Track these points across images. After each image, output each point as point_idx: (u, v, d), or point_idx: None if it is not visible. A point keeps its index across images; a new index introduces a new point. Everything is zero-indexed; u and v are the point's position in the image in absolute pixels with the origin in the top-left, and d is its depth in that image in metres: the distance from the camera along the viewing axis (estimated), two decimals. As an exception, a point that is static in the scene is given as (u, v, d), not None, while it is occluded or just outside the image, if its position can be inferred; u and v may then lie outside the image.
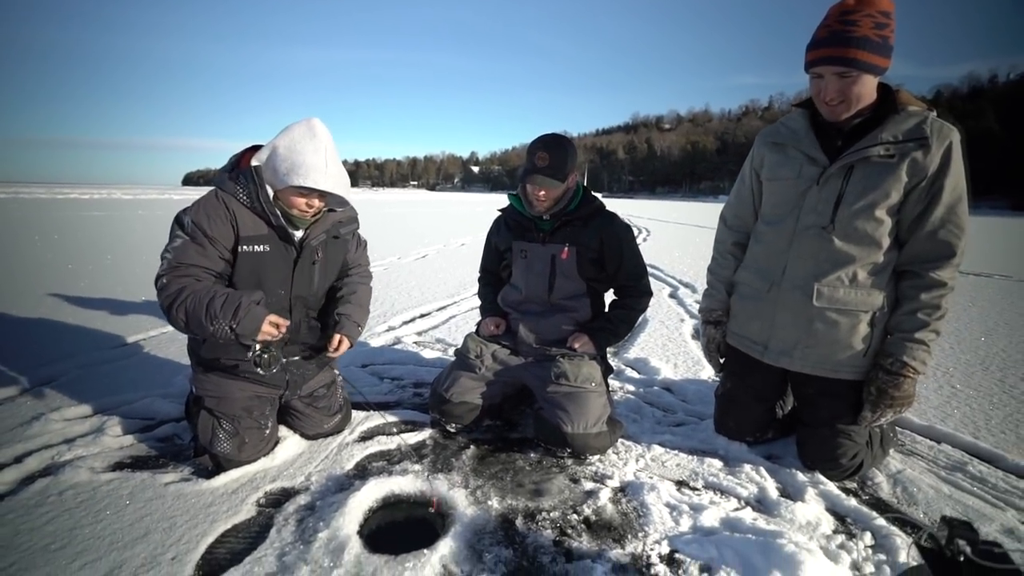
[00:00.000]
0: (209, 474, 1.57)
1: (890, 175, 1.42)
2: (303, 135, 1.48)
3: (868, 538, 1.33)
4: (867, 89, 1.41)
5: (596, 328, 1.91)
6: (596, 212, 1.89)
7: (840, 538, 1.32)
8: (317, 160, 1.46)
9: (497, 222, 2.07)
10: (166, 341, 2.87)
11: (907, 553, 1.24)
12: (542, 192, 1.77)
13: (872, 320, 1.52)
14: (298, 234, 1.61)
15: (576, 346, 1.85)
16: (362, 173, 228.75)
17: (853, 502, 1.49)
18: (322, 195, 1.54)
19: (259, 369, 1.50)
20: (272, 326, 1.46)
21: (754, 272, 1.73)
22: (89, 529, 1.32)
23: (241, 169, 1.53)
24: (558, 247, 1.86)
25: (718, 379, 2.06)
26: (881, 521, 1.38)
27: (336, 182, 1.51)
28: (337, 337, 1.70)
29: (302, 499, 1.47)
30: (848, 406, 1.58)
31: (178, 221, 1.48)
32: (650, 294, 1.97)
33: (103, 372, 2.39)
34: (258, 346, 1.48)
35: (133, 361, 2.57)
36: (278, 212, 1.53)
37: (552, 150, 1.74)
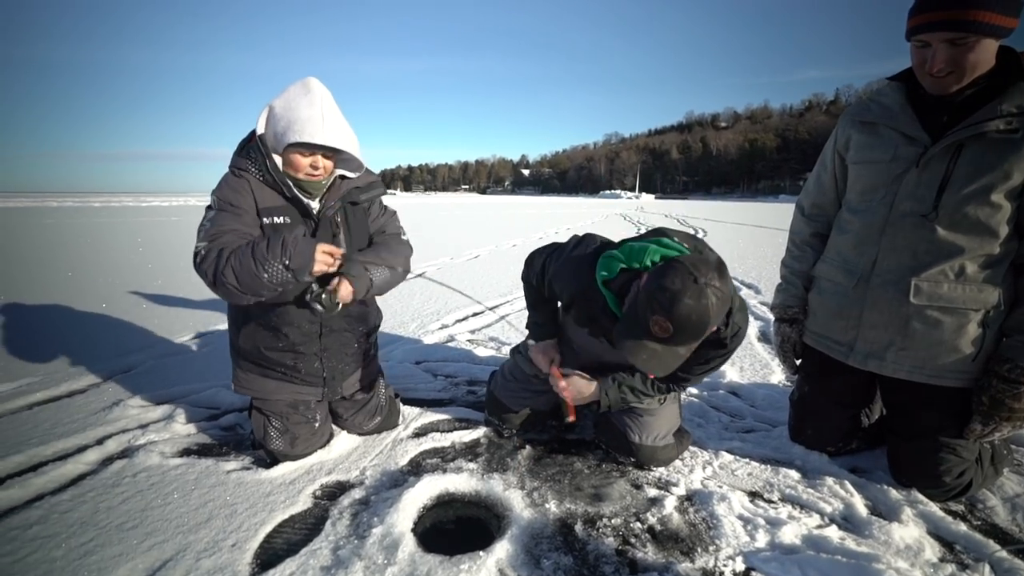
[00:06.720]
0: (268, 464, 1.60)
1: (1012, 153, 1.23)
2: (297, 92, 1.42)
3: (987, 571, 1.15)
4: (985, 56, 1.22)
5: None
6: None
7: (950, 568, 1.16)
8: (313, 113, 1.39)
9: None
10: (232, 335, 3.00)
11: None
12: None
13: (984, 320, 1.33)
14: (314, 205, 1.53)
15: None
16: (415, 178, 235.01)
17: (963, 527, 1.30)
18: (326, 153, 1.47)
19: (320, 307, 1.43)
20: (326, 255, 1.39)
21: (837, 265, 1.57)
22: (159, 511, 1.36)
23: (250, 144, 1.49)
24: None
25: (791, 383, 1.90)
26: (1003, 553, 1.20)
27: (336, 136, 1.42)
28: (336, 280, 1.46)
29: (356, 493, 1.46)
30: (952, 416, 1.39)
31: (208, 207, 1.47)
32: None
33: (174, 363, 2.52)
34: (315, 286, 1.43)
35: (201, 353, 2.70)
36: (289, 182, 1.47)
37: (680, 330, 1.11)
